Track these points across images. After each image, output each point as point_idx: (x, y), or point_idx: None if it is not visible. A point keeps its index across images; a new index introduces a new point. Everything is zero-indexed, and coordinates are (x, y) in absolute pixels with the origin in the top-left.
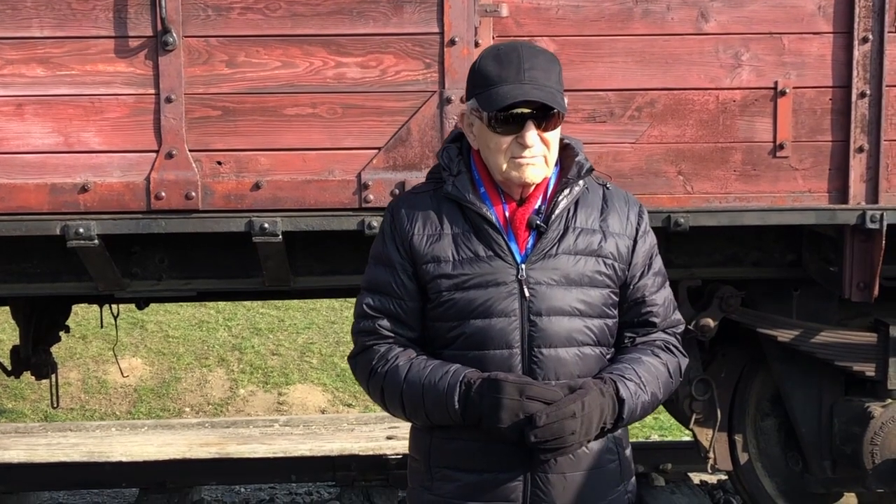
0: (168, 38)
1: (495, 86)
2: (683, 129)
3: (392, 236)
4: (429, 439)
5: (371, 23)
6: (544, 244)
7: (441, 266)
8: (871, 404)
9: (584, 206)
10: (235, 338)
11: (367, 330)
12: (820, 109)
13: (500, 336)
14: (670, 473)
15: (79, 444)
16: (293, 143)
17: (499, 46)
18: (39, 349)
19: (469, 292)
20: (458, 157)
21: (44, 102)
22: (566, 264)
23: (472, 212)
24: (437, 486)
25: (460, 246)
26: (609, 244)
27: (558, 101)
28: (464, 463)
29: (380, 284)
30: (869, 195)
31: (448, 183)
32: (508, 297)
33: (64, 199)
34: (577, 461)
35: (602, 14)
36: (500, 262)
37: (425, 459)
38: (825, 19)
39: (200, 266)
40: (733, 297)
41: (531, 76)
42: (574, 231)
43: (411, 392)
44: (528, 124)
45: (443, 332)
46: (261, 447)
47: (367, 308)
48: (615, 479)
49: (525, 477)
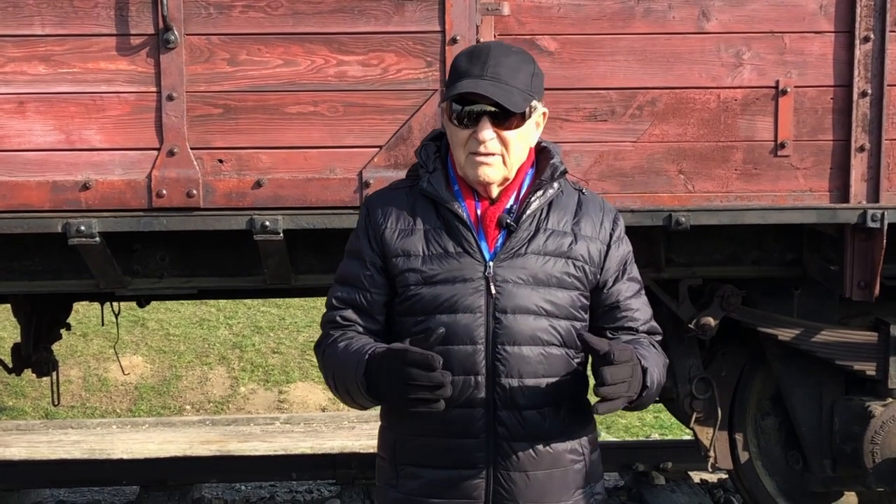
0: (170, 36)
1: (459, 79)
2: (685, 127)
3: (366, 230)
4: (393, 437)
5: (372, 21)
6: (513, 243)
7: (410, 260)
8: (871, 403)
9: (557, 209)
10: (236, 336)
11: (330, 319)
12: (821, 108)
13: (464, 332)
14: (671, 472)
15: (80, 441)
16: (294, 141)
17: (477, 44)
18: (40, 347)
19: (436, 287)
20: (435, 154)
21: (45, 100)
22: (534, 264)
23: (445, 208)
24: (402, 483)
25: (431, 241)
26: (580, 247)
27: (513, 100)
28: (427, 460)
29: (349, 277)
30: (870, 194)
31: (423, 179)
32: (475, 294)
33: (65, 196)
34: (540, 460)
35: (603, 13)
36: (468, 258)
37: (391, 457)
38: (826, 18)
39: (201, 264)
40: (734, 295)
41: (494, 73)
42: (545, 232)
43: (338, 371)
44: (484, 120)
45: (408, 327)
46: (261, 445)
47: (335, 300)
48: (579, 480)
49: (488, 474)
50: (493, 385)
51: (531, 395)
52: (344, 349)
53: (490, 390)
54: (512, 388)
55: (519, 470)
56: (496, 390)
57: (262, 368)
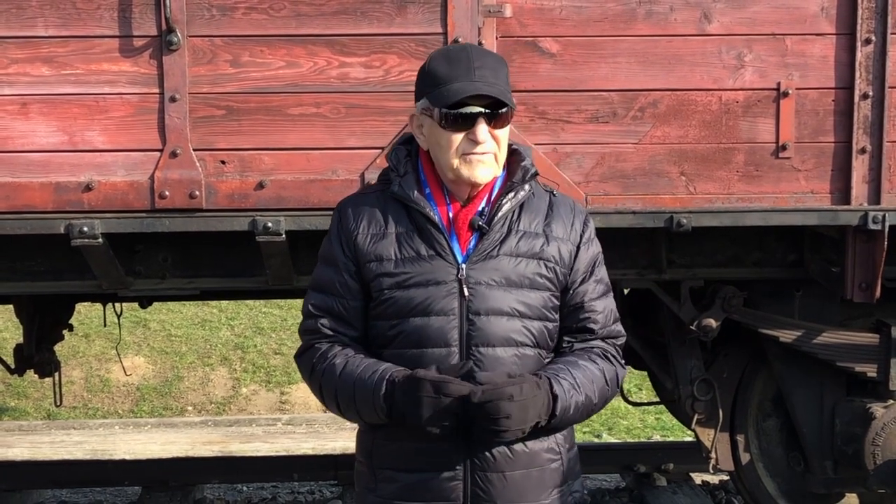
0: (172, 38)
1: (446, 83)
2: (686, 129)
3: (338, 236)
4: (371, 440)
5: (375, 23)
6: (486, 245)
7: (383, 265)
8: (872, 405)
9: (528, 211)
10: (238, 337)
11: (310, 329)
12: (822, 110)
13: (438, 334)
14: (672, 473)
15: (82, 442)
16: (297, 142)
17: (448, 47)
18: (43, 347)
19: (409, 291)
20: (406, 158)
21: (48, 101)
22: (507, 266)
23: (416, 212)
24: (380, 487)
25: (403, 245)
26: (551, 248)
27: (508, 97)
28: (404, 463)
29: (324, 284)
30: (871, 196)
31: (395, 183)
32: (448, 296)
33: (68, 197)
34: (516, 460)
35: (605, 15)
36: (441, 261)
37: (368, 461)
38: (828, 20)
39: (204, 265)
40: (735, 297)
41: (481, 74)
42: (517, 234)
43: (344, 390)
44: (480, 120)
45: (383, 331)
46: (263, 446)
47: (313, 308)
48: (557, 479)
49: (465, 476)
50: None
51: None
52: (348, 369)
53: None
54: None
55: (496, 470)
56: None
57: (263, 369)
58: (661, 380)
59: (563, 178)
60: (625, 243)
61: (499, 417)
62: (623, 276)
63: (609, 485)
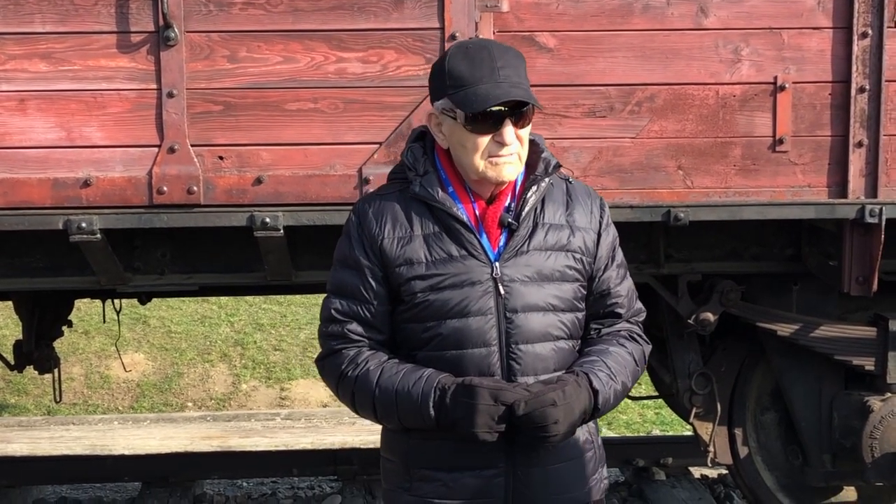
0: (170, 34)
1: (471, 85)
2: (683, 123)
3: (360, 240)
4: (406, 440)
5: (372, 18)
6: (516, 241)
7: (414, 268)
8: (870, 398)
9: (550, 202)
10: (238, 333)
11: (335, 334)
12: (819, 104)
13: (477, 335)
14: (671, 467)
15: (81, 437)
16: (294, 137)
17: (465, 44)
18: (42, 344)
19: (444, 293)
20: (423, 156)
21: (46, 97)
22: (538, 260)
23: (442, 212)
24: (416, 486)
25: (432, 247)
26: (577, 239)
27: (534, 98)
28: (443, 462)
29: (347, 288)
30: (868, 189)
31: (415, 183)
32: (484, 296)
33: (66, 193)
34: (556, 453)
35: (602, 9)
36: (473, 261)
37: (403, 460)
38: (825, 14)
39: (202, 261)
40: (733, 291)
41: (505, 74)
42: (543, 227)
43: (384, 398)
44: (507, 122)
45: (417, 334)
46: (262, 441)
47: (336, 313)
48: (592, 467)
49: (506, 472)
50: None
51: None
52: (385, 376)
53: None
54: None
55: (537, 465)
56: None
57: (263, 365)
58: (659, 374)
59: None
60: (622, 237)
61: (547, 424)
62: None
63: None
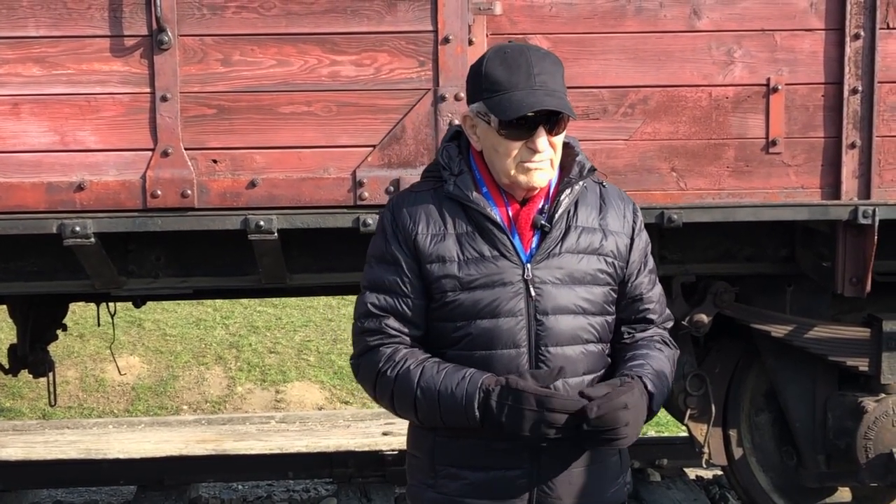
0: (163, 37)
1: (506, 91)
2: (676, 125)
3: (395, 235)
4: (432, 437)
5: (365, 21)
6: (548, 243)
7: (446, 266)
8: (864, 399)
9: (583, 205)
10: (233, 336)
11: (371, 329)
12: (812, 106)
13: (507, 336)
14: (666, 469)
15: (76, 441)
16: (288, 141)
17: (504, 49)
18: (37, 347)
19: (475, 292)
20: (458, 156)
21: (40, 101)
22: (570, 263)
23: (476, 212)
24: (441, 483)
25: (465, 246)
26: (609, 242)
27: (569, 106)
28: (469, 461)
29: (385, 283)
30: (861, 191)
31: (449, 183)
32: (515, 297)
33: (60, 197)
34: (581, 457)
35: (595, 11)
36: (505, 261)
37: (428, 457)
38: (817, 16)
39: (197, 264)
40: (727, 292)
41: (541, 81)
42: (576, 230)
43: (426, 398)
44: (540, 130)
45: (447, 332)
46: (258, 444)
47: (373, 307)
48: (616, 471)
49: (531, 474)
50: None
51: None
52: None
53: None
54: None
55: (563, 468)
56: None
57: (258, 368)
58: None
59: None
60: None
61: (618, 427)
62: None
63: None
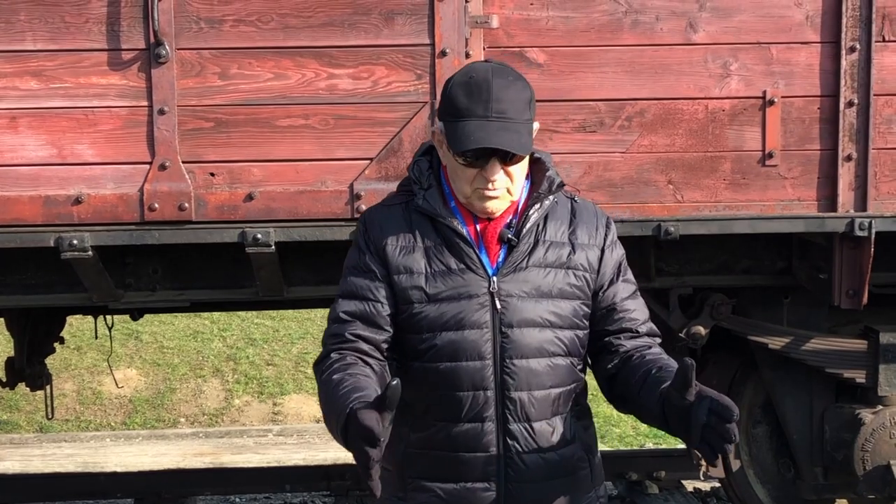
0: (161, 51)
1: (462, 119)
2: (673, 138)
3: (367, 246)
4: (402, 449)
5: (362, 34)
6: (515, 257)
7: (413, 278)
8: (861, 411)
9: (553, 219)
10: (230, 348)
11: (333, 334)
12: (808, 118)
13: (472, 348)
14: (664, 481)
15: (73, 454)
16: (286, 154)
17: (472, 71)
18: (34, 360)
19: (441, 304)
20: (428, 170)
21: (37, 115)
22: (537, 277)
23: (444, 225)
24: (411, 496)
25: (433, 259)
26: (579, 256)
27: (523, 142)
28: (438, 473)
29: (357, 289)
30: (857, 203)
31: (419, 196)
32: (480, 310)
33: (58, 210)
34: (549, 469)
35: (592, 25)
36: (472, 274)
37: (398, 470)
38: (813, 29)
39: (194, 277)
40: (724, 304)
41: (499, 110)
42: (544, 244)
43: (323, 410)
44: (493, 161)
45: (414, 344)
46: (255, 457)
47: (343, 314)
48: (587, 485)
49: (499, 487)
50: (502, 399)
51: (540, 406)
52: (335, 386)
53: (500, 404)
54: (521, 401)
55: (530, 481)
56: (506, 404)
57: (256, 380)
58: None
59: None
60: None
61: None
62: None
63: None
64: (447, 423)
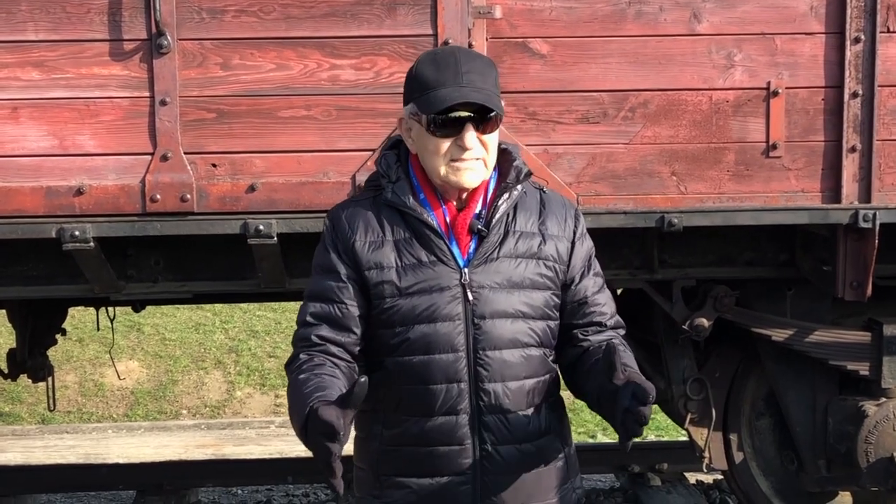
0: (162, 41)
1: (434, 89)
2: (677, 129)
3: (334, 244)
4: (376, 446)
5: (365, 25)
6: (486, 248)
7: (384, 272)
8: (865, 403)
9: (522, 210)
10: (232, 340)
11: (301, 336)
12: (812, 109)
13: (445, 340)
14: (666, 473)
15: (75, 446)
16: (288, 145)
17: (436, 51)
18: (36, 352)
19: (413, 298)
20: (396, 163)
21: (39, 106)
22: (508, 267)
23: (413, 218)
24: (386, 493)
25: (403, 252)
26: (549, 247)
27: (496, 103)
28: (412, 469)
29: (322, 291)
30: (861, 195)
31: (387, 190)
32: (452, 302)
33: (59, 201)
34: (524, 460)
35: (595, 15)
36: (443, 266)
37: (373, 468)
38: (817, 20)
39: (196, 268)
40: (727, 296)
41: (469, 79)
42: (514, 234)
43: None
44: (468, 126)
45: (387, 339)
46: (257, 448)
47: (310, 317)
48: (562, 476)
49: (474, 479)
50: (476, 391)
51: (514, 397)
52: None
53: (474, 396)
54: (495, 393)
55: (506, 473)
56: (480, 396)
57: (258, 372)
58: (653, 380)
59: (555, 179)
60: (616, 243)
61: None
62: (615, 277)
63: (604, 485)
64: (421, 417)
